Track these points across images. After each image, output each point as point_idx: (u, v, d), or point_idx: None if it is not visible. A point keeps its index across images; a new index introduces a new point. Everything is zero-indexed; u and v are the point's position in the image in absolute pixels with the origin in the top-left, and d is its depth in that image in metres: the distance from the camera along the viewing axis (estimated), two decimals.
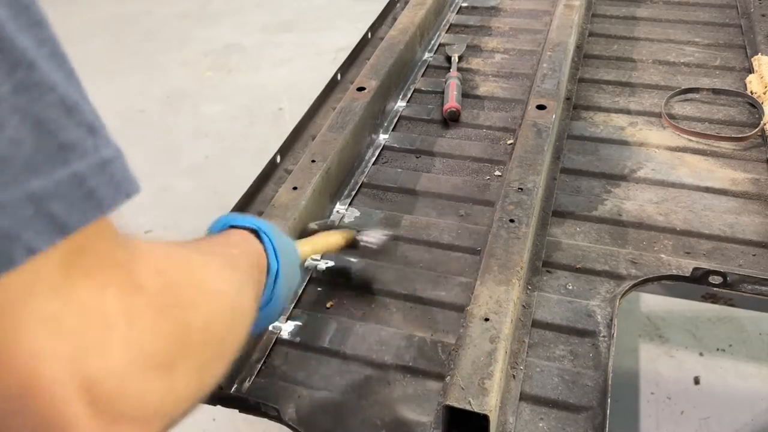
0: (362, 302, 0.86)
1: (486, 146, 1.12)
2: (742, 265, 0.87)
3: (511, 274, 0.77)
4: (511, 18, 1.49)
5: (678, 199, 0.99)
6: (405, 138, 1.15)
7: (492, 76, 1.30)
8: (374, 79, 1.15)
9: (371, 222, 0.97)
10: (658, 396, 1.56)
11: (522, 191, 0.89)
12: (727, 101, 1.18)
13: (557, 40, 1.23)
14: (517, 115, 1.18)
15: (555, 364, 0.76)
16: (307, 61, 3.01)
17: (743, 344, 1.66)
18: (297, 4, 3.54)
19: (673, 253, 0.89)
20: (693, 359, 1.63)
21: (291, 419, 0.72)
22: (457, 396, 0.65)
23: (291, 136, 1.14)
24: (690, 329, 1.70)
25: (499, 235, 0.83)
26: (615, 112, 1.18)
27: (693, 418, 1.51)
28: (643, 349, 1.66)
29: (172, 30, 3.38)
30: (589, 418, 0.70)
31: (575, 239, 0.92)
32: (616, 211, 0.96)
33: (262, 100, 2.79)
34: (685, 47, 1.33)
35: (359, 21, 3.06)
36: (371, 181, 1.06)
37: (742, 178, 1.01)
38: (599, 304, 0.82)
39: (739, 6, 1.44)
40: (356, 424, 0.71)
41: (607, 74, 1.28)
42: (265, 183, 1.06)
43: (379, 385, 0.75)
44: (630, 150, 1.09)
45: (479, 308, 0.73)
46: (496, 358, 0.68)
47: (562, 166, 1.05)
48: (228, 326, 0.41)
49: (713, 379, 1.58)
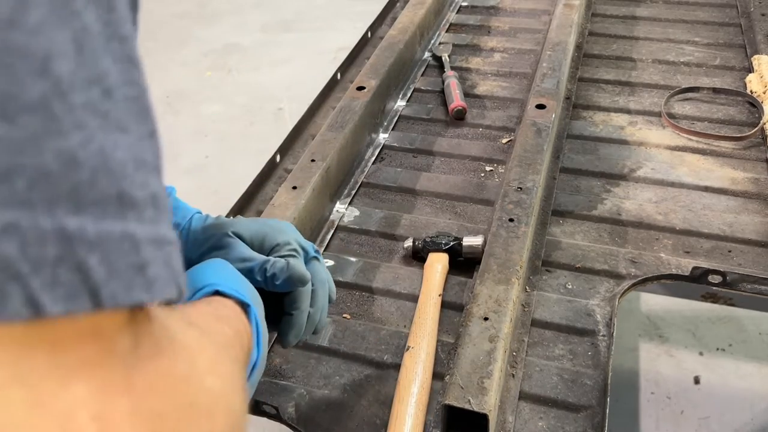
0: (362, 301, 0.86)
1: (486, 145, 1.12)
2: (742, 265, 0.87)
3: (510, 274, 0.77)
4: (510, 17, 1.49)
5: (677, 198, 0.99)
6: (405, 137, 1.15)
7: (491, 76, 1.30)
8: (374, 78, 1.15)
9: (371, 221, 0.97)
10: (658, 395, 1.56)
11: (521, 190, 0.89)
12: (726, 100, 1.18)
13: (557, 39, 1.23)
14: (516, 114, 1.18)
15: (554, 363, 0.76)
16: (307, 61, 3.01)
17: (743, 344, 1.66)
18: (297, 4, 3.54)
19: (673, 252, 0.89)
20: (693, 359, 1.63)
21: (290, 418, 0.72)
22: (457, 395, 0.65)
23: (291, 135, 1.14)
24: (690, 329, 1.70)
25: (499, 234, 0.83)
26: (615, 112, 1.18)
27: (693, 417, 1.51)
28: (642, 349, 1.66)
29: (172, 30, 3.38)
30: (589, 417, 0.70)
31: (575, 238, 0.92)
32: (616, 210, 0.96)
33: (262, 99, 2.79)
34: (684, 46, 1.33)
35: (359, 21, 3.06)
36: (371, 180, 1.06)
37: (742, 178, 1.01)
38: (599, 304, 0.82)
39: (739, 5, 1.44)
40: (355, 423, 0.71)
41: (607, 73, 1.28)
42: (265, 182, 1.06)
43: (378, 384, 0.75)
44: (629, 149, 1.09)
45: (478, 307, 0.74)
46: (495, 357, 0.68)
47: (562, 166, 1.05)
48: None
49: (713, 379, 1.58)
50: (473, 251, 0.87)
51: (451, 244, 0.88)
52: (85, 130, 0.21)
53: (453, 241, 0.88)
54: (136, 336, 0.24)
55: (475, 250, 0.87)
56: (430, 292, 0.83)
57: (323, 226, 0.97)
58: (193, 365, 0.28)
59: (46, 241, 0.19)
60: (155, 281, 0.23)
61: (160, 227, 0.24)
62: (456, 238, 0.89)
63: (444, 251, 0.88)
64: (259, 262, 0.56)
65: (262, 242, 0.59)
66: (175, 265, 0.24)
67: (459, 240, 0.88)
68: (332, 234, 0.96)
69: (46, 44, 0.20)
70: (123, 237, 0.21)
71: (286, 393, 0.74)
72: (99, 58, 0.22)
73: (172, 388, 0.26)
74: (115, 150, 0.22)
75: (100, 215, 0.21)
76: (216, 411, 0.29)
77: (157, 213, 0.24)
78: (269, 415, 0.73)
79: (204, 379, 0.29)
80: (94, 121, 0.21)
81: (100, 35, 0.22)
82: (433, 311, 0.80)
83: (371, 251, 0.94)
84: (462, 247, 0.88)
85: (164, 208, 0.24)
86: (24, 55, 0.19)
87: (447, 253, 0.88)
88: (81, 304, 0.20)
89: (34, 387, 0.19)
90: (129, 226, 0.22)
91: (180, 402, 0.26)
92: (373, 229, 0.97)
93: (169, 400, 0.25)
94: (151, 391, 0.24)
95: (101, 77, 0.22)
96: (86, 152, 0.21)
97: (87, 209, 0.20)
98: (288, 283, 0.55)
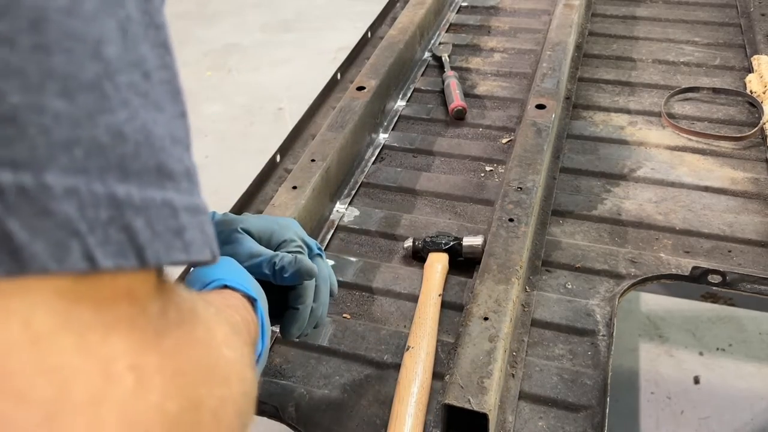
0: (362, 301, 0.86)
1: (486, 145, 1.12)
2: (742, 264, 0.87)
3: (510, 273, 0.77)
4: (510, 17, 1.49)
5: (677, 198, 0.99)
6: (405, 137, 1.15)
7: (491, 76, 1.30)
8: (374, 78, 1.15)
9: (371, 221, 0.98)
10: (658, 395, 1.56)
11: (521, 190, 0.89)
12: (726, 100, 1.18)
13: (557, 39, 1.23)
14: (516, 114, 1.18)
15: (554, 363, 0.76)
16: (307, 61, 3.01)
17: (743, 344, 1.66)
18: (297, 4, 3.55)
19: (673, 252, 0.89)
20: (693, 359, 1.63)
21: (290, 418, 0.72)
22: (457, 395, 0.65)
23: (291, 135, 1.14)
24: (690, 329, 1.70)
25: (499, 234, 0.83)
26: (614, 112, 1.18)
27: (693, 417, 1.51)
28: (642, 349, 1.66)
29: (172, 30, 3.27)
30: (588, 417, 0.70)
31: (574, 238, 0.92)
32: (616, 210, 0.96)
33: (262, 99, 2.79)
34: (684, 46, 1.33)
35: (359, 21, 3.06)
36: (371, 180, 1.06)
37: (742, 178, 1.01)
38: (599, 304, 0.82)
39: (739, 5, 1.44)
40: (355, 423, 0.71)
41: (607, 73, 1.28)
42: (265, 182, 1.06)
43: (378, 384, 0.75)
44: (629, 149, 1.09)
45: (478, 307, 0.74)
46: (495, 357, 0.68)
47: (562, 166, 1.05)
48: (240, 406, 0.31)
49: (713, 379, 1.58)
50: (473, 251, 0.87)
51: (451, 244, 0.88)
52: (129, 108, 0.23)
53: (453, 241, 0.88)
54: (164, 304, 0.26)
55: (475, 250, 0.87)
56: (430, 292, 0.83)
57: (323, 226, 0.97)
58: (212, 335, 0.31)
59: (100, 204, 0.21)
60: (192, 244, 0.25)
61: (195, 198, 0.26)
62: (456, 238, 0.89)
63: (444, 251, 0.88)
64: (267, 257, 0.59)
65: (269, 238, 0.62)
66: (209, 232, 0.27)
67: (459, 240, 0.88)
68: (332, 234, 0.96)
69: (98, 30, 0.22)
70: (163, 204, 0.24)
71: (286, 393, 0.74)
72: (139, 43, 0.24)
73: (195, 351, 0.28)
74: (155, 126, 0.24)
75: (143, 184, 0.23)
76: (231, 378, 0.31)
77: (191, 185, 0.26)
78: (269, 415, 0.73)
79: (221, 349, 0.31)
80: (137, 100, 0.23)
81: (140, 23, 0.24)
82: (433, 311, 0.80)
83: (371, 251, 0.94)
84: (462, 247, 0.88)
85: (197, 182, 0.27)
86: (81, 39, 0.21)
87: (447, 253, 0.88)
88: (129, 261, 0.22)
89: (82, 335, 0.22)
90: (168, 194, 0.24)
91: (202, 364, 0.28)
92: (373, 229, 0.97)
93: (193, 361, 0.27)
94: (176, 352, 0.26)
95: (141, 61, 0.24)
96: (131, 128, 0.23)
97: (132, 178, 0.23)
98: (296, 276, 0.58)
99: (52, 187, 0.20)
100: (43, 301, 0.21)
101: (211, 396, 0.28)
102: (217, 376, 0.29)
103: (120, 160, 0.22)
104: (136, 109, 0.23)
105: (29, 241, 0.20)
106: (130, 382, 0.23)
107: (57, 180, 0.20)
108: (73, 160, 0.21)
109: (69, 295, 0.21)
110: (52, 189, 0.20)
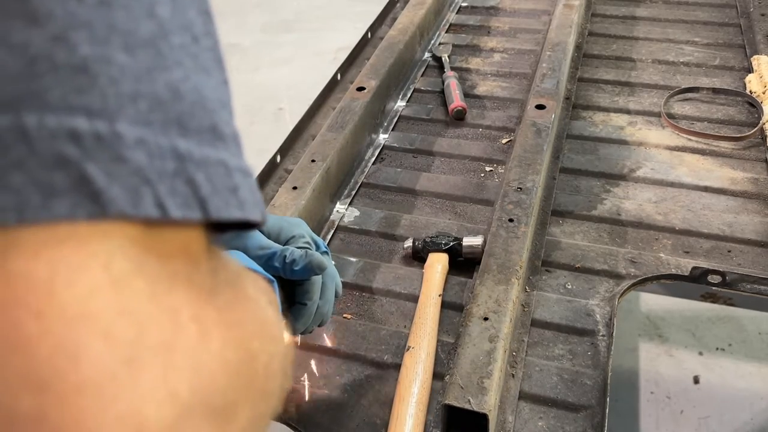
0: (362, 301, 0.86)
1: (486, 145, 1.12)
2: (742, 265, 0.87)
3: (510, 274, 0.78)
4: (510, 17, 1.50)
5: (677, 198, 0.99)
6: (405, 137, 1.15)
7: (491, 76, 1.30)
8: (374, 78, 1.15)
9: (371, 221, 0.98)
10: (658, 395, 1.56)
11: (521, 191, 0.90)
12: (726, 101, 1.18)
13: (557, 39, 1.23)
14: (516, 114, 1.18)
15: (554, 363, 0.76)
16: (307, 61, 3.01)
17: (743, 344, 1.66)
18: (297, 4, 3.55)
19: (672, 252, 0.89)
20: (692, 359, 1.63)
21: (290, 418, 0.72)
22: (457, 395, 0.65)
23: (291, 135, 1.14)
24: (690, 329, 1.70)
25: (499, 234, 0.83)
26: (614, 112, 1.18)
27: (693, 417, 1.51)
28: (642, 349, 1.66)
29: None
30: (588, 417, 0.70)
31: (574, 239, 0.92)
32: (615, 210, 0.96)
33: (262, 100, 2.79)
34: (684, 47, 1.34)
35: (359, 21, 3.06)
36: (371, 180, 1.06)
37: (741, 178, 1.01)
38: (598, 304, 0.82)
39: (739, 5, 1.44)
40: (355, 423, 0.71)
41: (607, 74, 1.28)
42: (265, 183, 1.06)
43: (378, 384, 0.75)
44: (629, 149, 1.09)
45: (478, 307, 0.74)
46: (495, 357, 0.68)
47: (562, 166, 1.05)
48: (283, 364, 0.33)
49: (713, 379, 1.58)
50: (473, 251, 0.87)
51: (451, 244, 0.88)
52: (183, 67, 0.24)
53: (453, 241, 0.88)
54: (215, 264, 0.27)
55: (475, 250, 0.87)
56: (430, 292, 0.83)
57: (323, 227, 0.97)
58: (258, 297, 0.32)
59: (166, 156, 0.22)
60: (245, 203, 0.25)
61: (243, 161, 0.26)
62: (456, 238, 0.89)
63: (444, 251, 0.88)
64: (277, 250, 0.60)
65: (278, 233, 0.63)
66: (258, 194, 0.27)
67: (459, 240, 0.88)
68: (332, 234, 0.97)
69: None
70: (218, 162, 0.24)
71: (286, 393, 0.74)
72: (187, 8, 0.25)
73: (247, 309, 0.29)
74: (205, 89, 0.25)
75: (201, 141, 0.24)
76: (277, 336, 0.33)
77: (239, 149, 0.27)
78: None
79: (267, 309, 0.32)
80: (189, 61, 0.24)
81: None
82: (433, 311, 0.80)
83: (371, 251, 0.94)
84: (462, 247, 0.88)
85: (242, 147, 0.27)
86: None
87: (447, 253, 0.88)
88: (194, 213, 0.23)
89: (153, 282, 0.22)
90: (221, 154, 0.25)
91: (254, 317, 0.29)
92: (373, 229, 0.97)
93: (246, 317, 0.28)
94: (230, 308, 0.27)
95: (190, 25, 0.25)
96: (186, 87, 0.23)
97: (190, 135, 0.23)
98: (306, 269, 0.59)
99: (124, 136, 0.21)
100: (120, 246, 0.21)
101: (263, 351, 0.29)
102: (266, 333, 0.30)
103: (179, 116, 0.23)
104: (188, 70, 0.24)
105: (107, 186, 0.21)
106: (194, 331, 0.23)
107: (128, 129, 0.21)
108: (139, 112, 0.22)
109: (140, 243, 0.22)
110: (124, 137, 0.21)
